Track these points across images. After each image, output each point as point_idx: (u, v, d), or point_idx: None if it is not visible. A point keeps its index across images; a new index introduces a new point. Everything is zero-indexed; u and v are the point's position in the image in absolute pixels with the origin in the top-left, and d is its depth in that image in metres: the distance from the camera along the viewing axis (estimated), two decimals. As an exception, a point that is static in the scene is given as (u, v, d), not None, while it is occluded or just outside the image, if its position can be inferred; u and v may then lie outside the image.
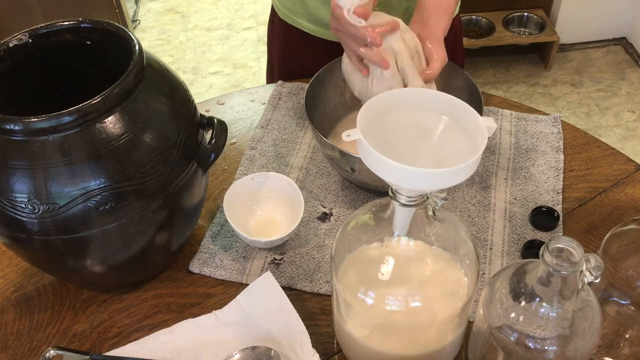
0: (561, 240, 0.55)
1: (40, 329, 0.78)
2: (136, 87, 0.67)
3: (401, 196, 0.56)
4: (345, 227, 0.65)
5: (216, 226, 0.88)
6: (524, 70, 2.52)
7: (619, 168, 0.94)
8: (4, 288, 0.83)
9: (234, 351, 0.70)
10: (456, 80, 0.93)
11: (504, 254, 0.83)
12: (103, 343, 0.76)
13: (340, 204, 0.90)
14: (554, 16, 2.53)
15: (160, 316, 0.79)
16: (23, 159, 0.63)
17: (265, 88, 1.11)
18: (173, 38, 2.87)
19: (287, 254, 0.84)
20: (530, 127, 1.00)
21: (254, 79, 2.61)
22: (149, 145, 0.67)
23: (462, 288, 0.63)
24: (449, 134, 0.59)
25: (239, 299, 0.76)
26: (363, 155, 0.55)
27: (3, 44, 0.72)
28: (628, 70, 2.50)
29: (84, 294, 0.82)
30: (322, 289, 0.80)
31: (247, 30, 2.89)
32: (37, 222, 0.65)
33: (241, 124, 1.05)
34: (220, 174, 0.96)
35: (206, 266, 0.83)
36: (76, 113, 0.62)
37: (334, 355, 0.74)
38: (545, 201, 0.89)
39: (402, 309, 0.62)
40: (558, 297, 0.56)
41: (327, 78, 0.96)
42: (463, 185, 0.92)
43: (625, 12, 2.52)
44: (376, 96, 0.58)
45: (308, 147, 0.99)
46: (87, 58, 0.77)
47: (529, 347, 0.59)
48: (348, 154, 0.81)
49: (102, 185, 0.64)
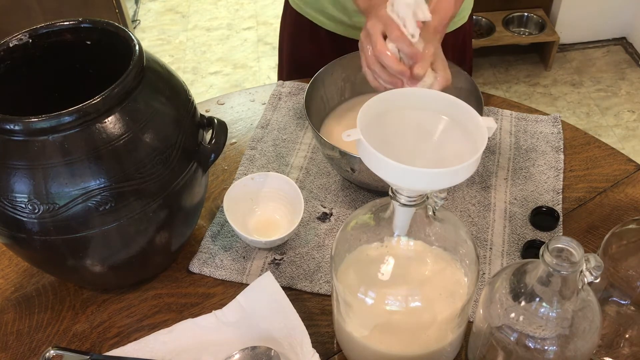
0: (561, 240, 0.55)
1: (40, 329, 0.78)
2: (136, 87, 0.67)
3: (401, 196, 0.56)
4: (345, 227, 0.65)
5: (216, 226, 0.88)
6: (524, 70, 2.52)
7: (619, 168, 0.94)
8: (4, 288, 0.83)
9: (234, 351, 0.70)
10: (456, 81, 0.93)
11: (504, 254, 0.83)
12: (103, 343, 0.76)
13: (340, 204, 0.90)
14: (554, 16, 2.53)
15: (160, 316, 0.79)
16: (23, 159, 0.63)
17: (265, 88, 1.11)
18: (173, 38, 2.87)
19: (287, 254, 0.84)
20: (530, 127, 1.00)
21: (254, 79, 2.61)
22: (149, 145, 0.67)
23: (462, 288, 0.63)
24: (449, 134, 0.59)
25: (239, 299, 0.76)
26: (363, 155, 0.55)
27: (3, 44, 0.72)
28: (628, 70, 2.50)
29: (84, 294, 0.82)
30: (322, 289, 0.80)
31: (247, 30, 2.89)
32: (37, 222, 0.65)
33: (241, 124, 1.05)
34: (220, 174, 0.96)
35: (206, 266, 0.83)
36: (76, 113, 0.62)
37: (334, 355, 0.74)
38: (545, 201, 0.89)
39: (402, 309, 0.62)
40: (558, 297, 0.56)
41: (327, 78, 0.96)
42: (463, 185, 0.92)
43: (625, 12, 2.52)
44: (376, 96, 0.58)
45: (308, 147, 0.99)
46: (87, 58, 0.77)
47: (529, 347, 0.59)
48: (348, 154, 0.81)
49: (102, 185, 0.64)
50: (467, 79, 0.92)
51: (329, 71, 0.95)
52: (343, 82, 0.99)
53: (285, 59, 1.22)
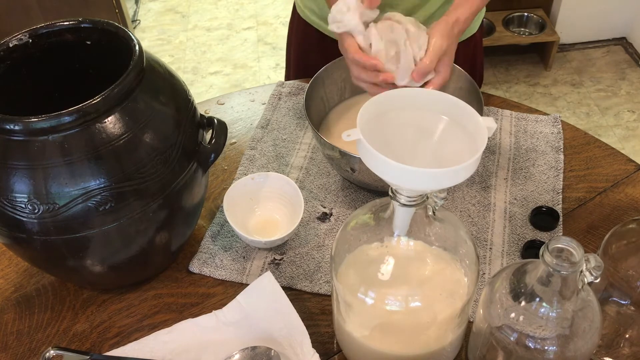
0: (561, 240, 0.55)
1: (40, 329, 0.78)
2: (136, 87, 0.67)
3: (401, 196, 0.56)
4: (345, 227, 0.65)
5: (216, 226, 0.88)
6: (524, 70, 2.52)
7: (619, 168, 0.94)
8: (4, 288, 0.83)
9: (234, 351, 0.70)
10: (456, 81, 0.94)
11: (504, 254, 0.83)
12: (103, 343, 0.76)
13: (340, 204, 0.90)
14: (554, 16, 2.53)
15: (160, 316, 0.79)
16: (23, 159, 0.63)
17: (265, 88, 1.11)
18: (173, 38, 2.87)
19: (287, 254, 0.84)
20: (530, 127, 1.00)
21: (254, 79, 2.61)
22: (149, 145, 0.67)
23: (462, 288, 0.63)
24: (449, 134, 0.59)
25: (239, 299, 0.76)
26: (363, 155, 0.55)
27: (3, 44, 0.72)
28: (628, 70, 2.50)
29: (84, 294, 0.82)
30: (322, 289, 0.80)
31: (247, 30, 2.89)
32: (37, 222, 0.65)
33: (241, 124, 1.05)
34: (220, 174, 0.96)
35: (206, 266, 0.83)
36: (76, 113, 0.62)
37: (334, 355, 0.74)
38: (545, 201, 0.89)
39: (402, 309, 0.62)
40: (558, 297, 0.56)
41: (327, 78, 0.96)
42: (463, 185, 0.92)
43: (625, 12, 2.52)
44: (376, 96, 0.58)
45: (308, 147, 0.99)
46: (87, 58, 0.77)
47: (529, 347, 0.59)
48: (348, 154, 0.81)
49: (102, 185, 0.64)
50: (467, 79, 0.92)
51: (329, 71, 0.95)
52: (343, 82, 0.99)
53: (292, 66, 1.23)
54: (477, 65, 1.17)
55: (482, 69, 1.21)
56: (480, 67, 1.19)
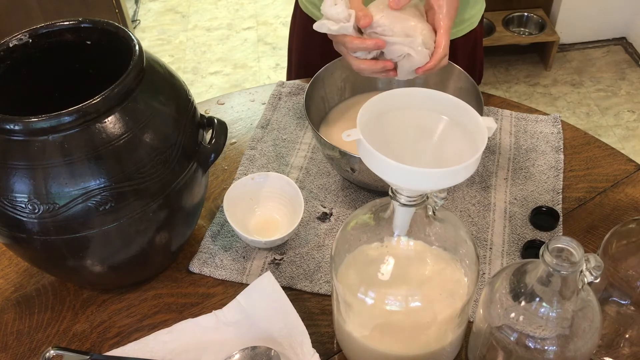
0: (561, 240, 0.55)
1: (40, 329, 0.78)
2: (136, 87, 0.67)
3: (401, 196, 0.56)
4: (345, 227, 0.65)
5: (216, 226, 0.88)
6: (524, 70, 2.52)
7: (619, 168, 0.94)
8: (4, 288, 0.83)
9: (234, 351, 0.70)
10: (456, 80, 0.94)
11: (504, 254, 0.83)
12: (103, 343, 0.76)
13: (340, 204, 0.90)
14: (554, 16, 2.53)
15: (160, 316, 0.79)
16: (23, 159, 0.63)
17: (265, 88, 1.11)
18: (173, 38, 2.87)
19: (287, 254, 0.84)
20: (530, 127, 1.00)
21: (254, 79, 2.61)
22: (149, 145, 0.67)
23: (462, 288, 0.63)
24: (449, 134, 0.59)
25: (239, 298, 0.76)
26: (363, 155, 0.55)
27: (3, 44, 0.72)
28: (628, 70, 2.50)
29: (84, 294, 0.82)
30: (322, 289, 0.80)
31: (247, 30, 2.89)
32: (37, 222, 0.65)
33: (241, 124, 1.05)
34: (220, 174, 0.96)
35: (206, 266, 0.83)
36: (76, 113, 0.62)
37: (334, 355, 0.74)
38: (545, 201, 0.89)
39: (402, 309, 0.62)
40: (558, 297, 0.56)
41: (327, 78, 0.96)
42: (463, 185, 0.92)
43: (625, 12, 2.52)
44: (376, 96, 0.58)
45: (308, 147, 0.99)
46: (87, 58, 0.77)
47: (529, 347, 0.59)
48: (348, 154, 0.81)
49: (102, 185, 0.64)
50: (467, 79, 0.92)
51: (329, 71, 0.95)
52: (343, 82, 0.99)
53: (294, 61, 1.22)
54: (477, 60, 1.16)
55: (482, 65, 1.21)
56: (480, 63, 1.19)
